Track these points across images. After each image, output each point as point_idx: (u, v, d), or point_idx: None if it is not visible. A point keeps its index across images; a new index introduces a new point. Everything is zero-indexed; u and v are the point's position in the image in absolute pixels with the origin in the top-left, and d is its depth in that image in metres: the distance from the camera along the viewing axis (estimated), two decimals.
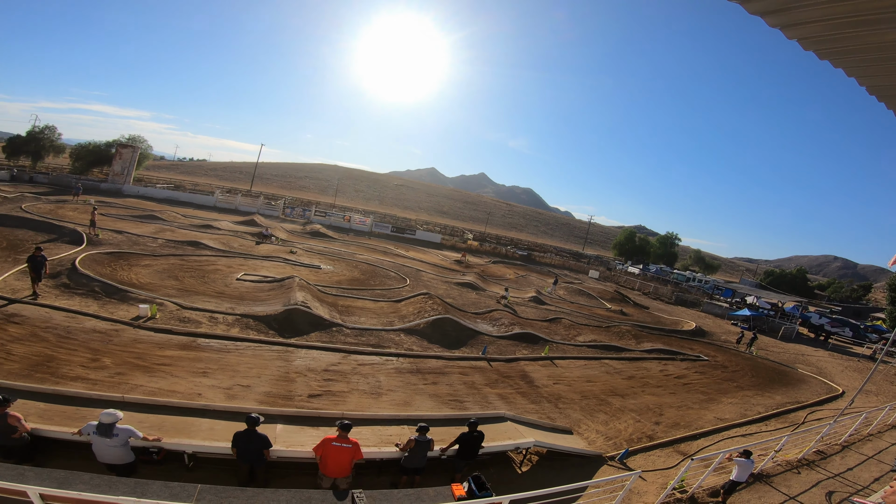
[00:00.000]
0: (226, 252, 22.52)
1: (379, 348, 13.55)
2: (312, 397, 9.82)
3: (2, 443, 5.78)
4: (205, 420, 7.27)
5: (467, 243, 53.98)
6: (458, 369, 13.08)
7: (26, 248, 16.84)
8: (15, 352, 9.20)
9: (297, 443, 7.02)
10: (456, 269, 34.57)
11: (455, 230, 68.77)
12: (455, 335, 15.96)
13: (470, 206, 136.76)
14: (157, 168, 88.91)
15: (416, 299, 18.97)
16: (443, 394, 11.24)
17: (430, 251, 42.24)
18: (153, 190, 44.50)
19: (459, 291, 24.96)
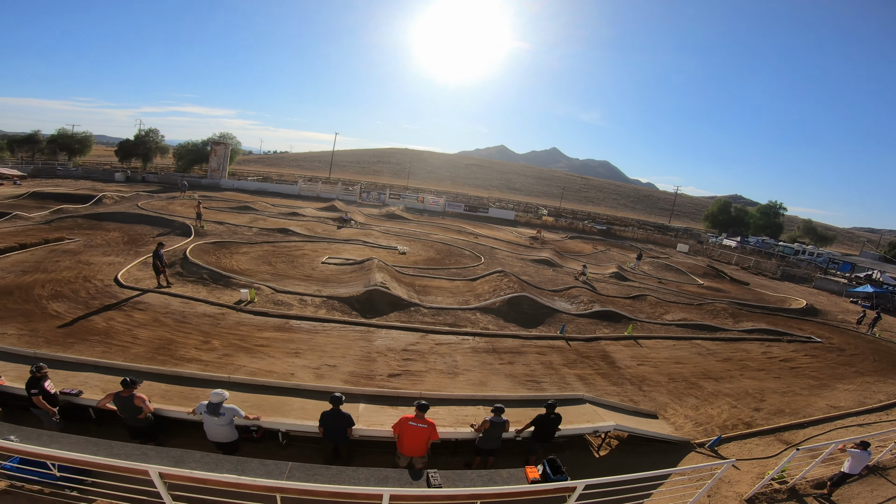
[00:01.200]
0: (311, 237, 23.85)
1: (455, 327, 13.56)
2: (392, 377, 10.02)
3: (130, 423, 6.44)
4: (297, 399, 7.63)
5: (542, 219, 52.44)
6: (535, 349, 12.77)
7: (145, 241, 19.09)
8: (141, 336, 10.41)
9: (378, 422, 7.16)
10: (531, 245, 33.76)
11: (529, 206, 67.11)
12: (532, 313, 15.59)
13: (543, 182, 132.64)
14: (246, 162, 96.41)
15: (492, 277, 18.81)
16: (519, 374, 11.06)
17: (504, 228, 41.63)
18: (245, 182, 48.33)
19: (535, 268, 24.38)
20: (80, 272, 14.04)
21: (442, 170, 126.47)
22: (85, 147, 56.66)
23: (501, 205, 61.53)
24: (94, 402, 6.66)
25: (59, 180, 39.65)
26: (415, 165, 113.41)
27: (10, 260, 14.57)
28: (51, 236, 17.94)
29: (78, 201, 27.05)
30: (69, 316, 10.98)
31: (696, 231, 71.23)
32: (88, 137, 57.63)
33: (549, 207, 70.00)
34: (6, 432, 5.37)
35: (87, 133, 57.70)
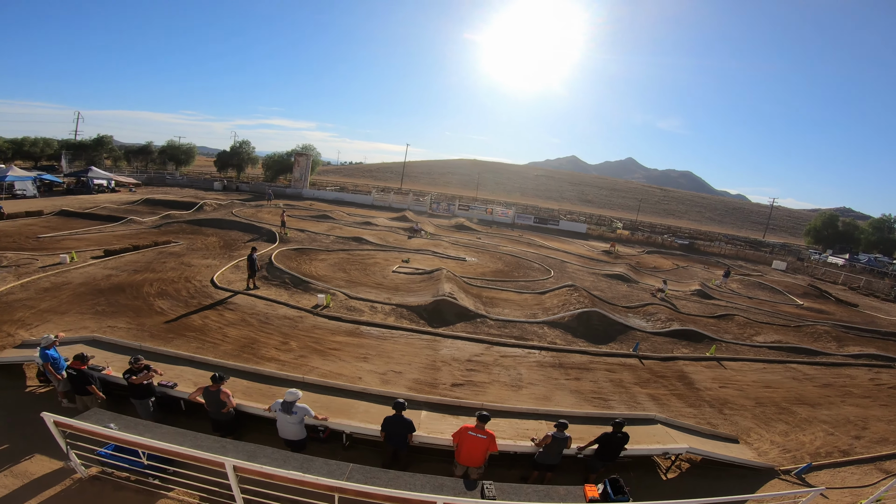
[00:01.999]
0: (383, 246, 24.68)
1: (521, 340, 13.34)
2: (455, 386, 10.04)
3: (215, 416, 6.96)
4: (362, 403, 7.87)
5: (616, 233, 50.19)
6: (604, 366, 12.29)
7: (238, 246, 20.84)
8: (230, 334, 11.31)
9: (438, 430, 7.18)
10: (604, 259, 32.47)
11: (602, 219, 64.54)
12: (602, 330, 14.98)
13: (618, 194, 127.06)
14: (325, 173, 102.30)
15: (561, 291, 18.33)
16: (586, 390, 10.72)
17: (575, 242, 40.39)
18: (324, 192, 51.34)
19: (608, 284, 23.40)
20: (183, 273, 15.59)
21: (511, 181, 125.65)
22: (189, 157, 63.56)
23: (573, 217, 59.79)
24: (186, 394, 7.27)
25: (168, 188, 44.67)
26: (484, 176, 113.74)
27: (124, 259, 16.55)
28: (159, 239, 20.18)
29: (182, 208, 30.29)
30: (171, 313, 12.20)
31: (796, 247, 64.36)
32: (192, 149, 64.61)
33: (625, 220, 66.80)
34: (107, 420, 5.98)
35: (191, 144, 64.75)
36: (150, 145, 63.48)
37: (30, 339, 9.36)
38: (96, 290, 13.14)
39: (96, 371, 7.41)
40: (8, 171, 33.12)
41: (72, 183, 37.47)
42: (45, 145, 58.63)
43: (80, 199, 31.82)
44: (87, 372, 7.09)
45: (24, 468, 5.87)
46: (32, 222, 22.57)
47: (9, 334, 9.89)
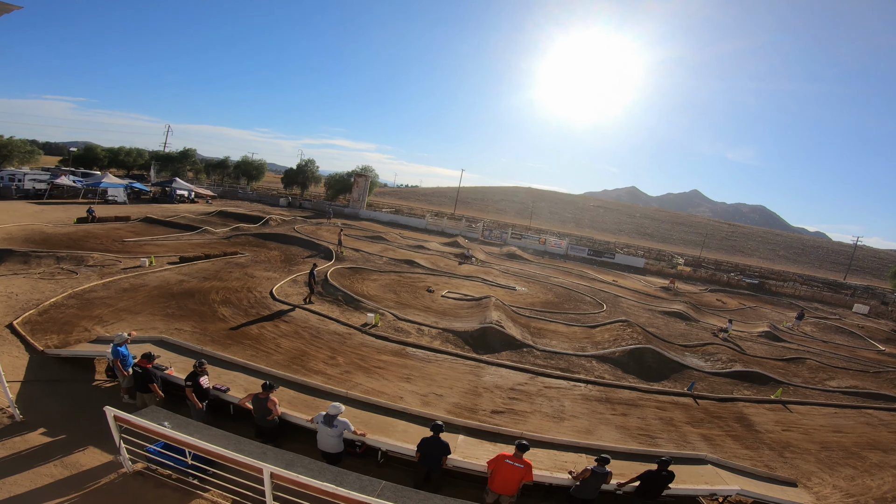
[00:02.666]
0: (433, 270, 24.85)
1: (568, 372, 13.05)
2: (495, 413, 9.92)
3: (260, 423, 7.17)
4: (401, 422, 7.96)
5: (677, 269, 47.59)
6: (654, 403, 11.83)
7: (297, 261, 21.78)
8: (282, 345, 11.70)
9: (474, 455, 7.15)
10: (662, 296, 30.90)
11: (662, 254, 61.58)
12: (656, 367, 14.38)
13: (680, 228, 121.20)
14: (382, 194, 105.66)
15: (613, 326, 17.80)
16: (631, 427, 10.35)
17: (632, 276, 38.75)
18: (380, 214, 52.90)
19: (665, 321, 22.38)
20: (246, 283, 16.44)
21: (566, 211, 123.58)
22: (260, 173, 68.09)
23: (630, 251, 57.53)
24: (236, 399, 7.55)
25: (239, 202, 47.90)
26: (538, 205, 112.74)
27: (196, 267, 17.73)
28: (228, 250, 21.51)
29: (251, 221, 32.25)
30: (232, 320, 12.84)
31: (881, 290, 57.93)
32: (263, 165, 69.22)
33: (687, 256, 63.30)
34: (162, 418, 6.26)
35: (262, 161, 69.43)
36: (227, 160, 68.75)
37: (104, 335, 10.15)
38: (168, 294, 14.11)
39: (159, 370, 7.85)
40: (103, 177, 37.06)
41: (157, 192, 41.19)
42: (138, 155, 65.25)
43: (163, 208, 34.82)
44: (152, 371, 7.53)
45: (76, 459, 6.20)
46: (120, 227, 24.90)
47: (86, 329, 10.78)
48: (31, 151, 50.33)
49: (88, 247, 18.97)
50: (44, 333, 10.29)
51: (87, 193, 34.61)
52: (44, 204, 30.39)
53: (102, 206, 30.88)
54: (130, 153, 64.92)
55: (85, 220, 24.76)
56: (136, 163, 64.41)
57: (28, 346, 9.55)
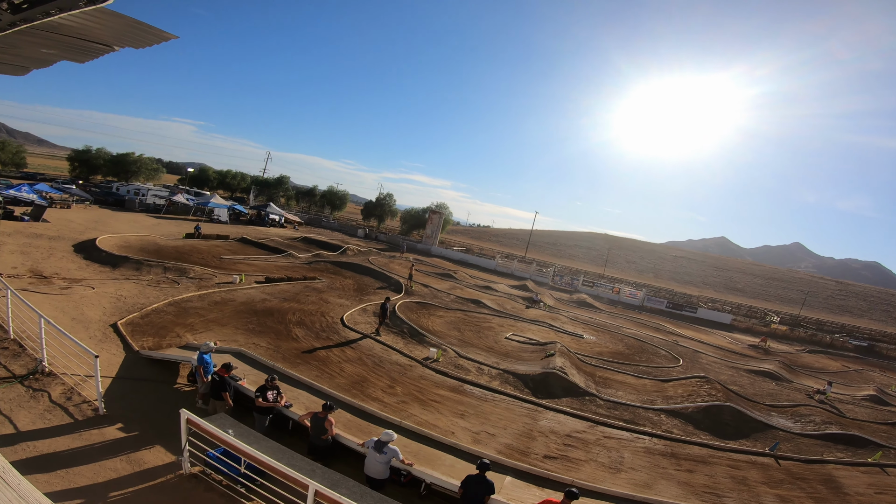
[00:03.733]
0: (499, 312, 24.49)
1: (632, 424, 12.28)
2: (547, 458, 9.57)
3: (314, 441, 7.31)
4: (449, 456, 7.93)
5: (770, 327, 42.72)
6: (727, 461, 10.94)
7: (368, 291, 22.59)
8: (346, 370, 12.02)
9: (519, 498, 6.95)
10: (750, 354, 28.24)
11: (753, 311, 55.64)
12: (734, 426, 13.37)
13: (777, 284, 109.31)
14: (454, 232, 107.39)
15: (689, 381, 16.69)
16: (697, 484, 9.66)
17: (715, 332, 35.50)
18: (451, 252, 53.67)
19: (751, 380, 20.58)
20: (320, 308, 17.28)
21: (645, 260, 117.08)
22: (343, 204, 72.57)
23: (715, 305, 52.75)
24: (296, 416, 7.84)
25: (322, 230, 51.18)
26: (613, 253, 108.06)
27: (278, 288, 18.99)
28: (308, 275, 22.90)
29: (330, 249, 34.23)
30: (304, 341, 13.48)
31: None
32: (346, 196, 73.79)
33: (783, 314, 56.58)
34: (227, 425, 6.60)
35: (345, 192, 74.04)
36: (315, 189, 74.24)
37: (192, 342, 11.09)
38: (252, 311, 15.19)
39: (234, 381, 8.34)
40: (211, 198, 41.69)
41: (253, 215, 45.38)
42: (241, 179, 72.76)
43: (257, 230, 38.16)
44: (227, 380, 8.02)
45: (141, 456, 6.66)
46: (219, 244, 27.57)
47: (178, 335, 11.85)
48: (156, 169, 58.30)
49: (191, 260, 21.17)
50: (141, 335, 11.46)
51: (196, 211, 39.08)
52: (161, 218, 34.66)
53: (208, 224, 34.57)
54: (236, 177, 72.65)
55: (192, 236, 27.81)
56: (240, 186, 71.76)
57: (126, 346, 10.67)
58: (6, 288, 9.63)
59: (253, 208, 47.92)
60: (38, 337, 8.43)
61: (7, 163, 49.33)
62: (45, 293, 13.03)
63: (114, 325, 11.70)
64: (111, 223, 27.79)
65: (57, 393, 7.83)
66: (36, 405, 7.41)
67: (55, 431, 6.85)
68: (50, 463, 6.12)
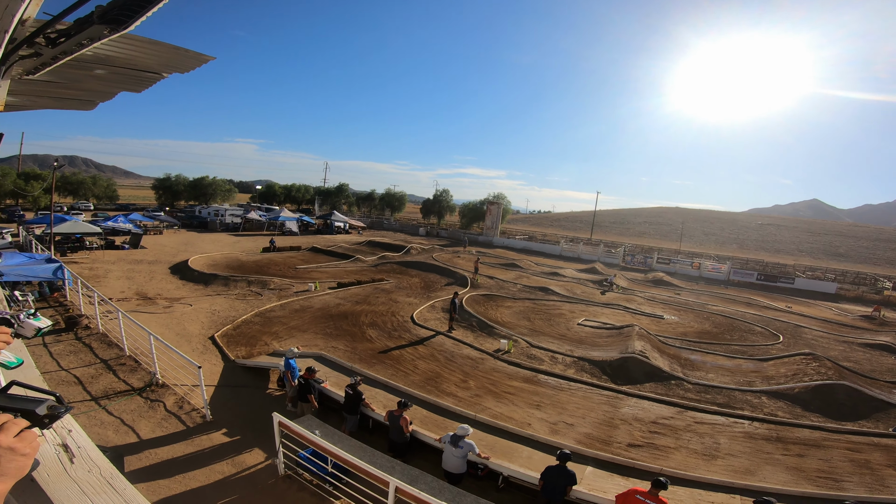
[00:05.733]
0: (569, 298, 23.84)
1: (727, 408, 11.37)
2: (631, 447, 9.16)
3: (393, 438, 7.59)
4: (526, 448, 7.89)
5: (883, 294, 37.79)
6: (845, 444, 9.93)
7: (435, 288, 22.97)
8: (419, 367, 12.30)
9: (601, 488, 6.76)
10: (863, 326, 24.93)
11: (861, 277, 49.49)
12: (850, 405, 12.03)
13: (886, 245, 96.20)
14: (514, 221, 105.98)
15: (793, 359, 15.22)
16: (809, 469, 8.87)
17: (819, 304, 31.94)
18: (513, 241, 53.02)
19: (867, 355, 18.24)
20: (390, 308, 17.86)
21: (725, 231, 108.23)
22: (401, 205, 74.37)
23: (815, 274, 47.54)
24: (380, 416, 8.11)
25: (385, 231, 52.79)
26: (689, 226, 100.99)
27: (350, 292, 19.87)
28: (376, 277, 23.73)
29: (394, 250, 35.21)
30: (377, 342, 14.00)
31: None
32: (404, 196, 75.52)
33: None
34: (314, 426, 7.00)
35: (402, 193, 75.78)
36: (374, 193, 76.73)
37: (279, 349, 11.92)
38: (328, 316, 16.04)
39: (318, 383, 8.86)
40: (281, 212, 44.52)
41: (320, 224, 47.82)
42: (305, 191, 77.21)
43: (325, 238, 40.17)
44: (311, 382, 8.54)
45: (243, 459, 7.26)
46: (293, 255, 29.36)
47: (266, 343, 12.79)
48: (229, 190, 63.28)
49: (270, 272, 22.76)
50: (235, 345, 12.51)
51: (269, 226, 41.94)
52: (239, 235, 37.54)
53: (280, 237, 36.96)
54: (300, 189, 77.16)
55: (268, 250, 29.86)
56: (304, 198, 76.07)
57: (223, 356, 11.71)
58: (117, 311, 10.96)
59: (319, 218, 50.48)
60: (149, 352, 9.50)
61: (101, 196, 55.79)
62: (150, 312, 14.66)
63: (212, 338, 12.89)
64: (198, 244, 30.61)
65: (171, 402, 8.78)
66: (154, 414, 8.35)
67: (171, 439, 7.67)
68: (170, 468, 6.85)
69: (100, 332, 11.74)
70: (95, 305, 12.09)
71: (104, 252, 24.85)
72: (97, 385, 9.18)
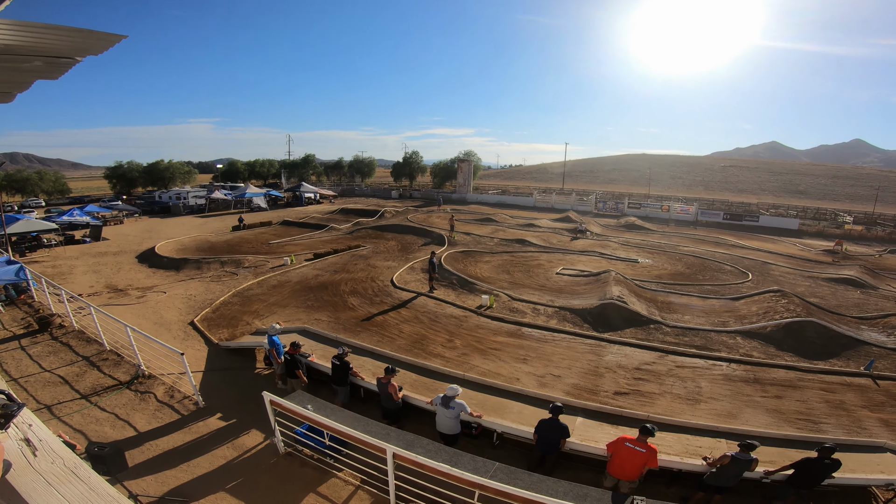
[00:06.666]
0: (546, 248, 24.21)
1: (705, 350, 11.75)
2: (618, 395, 9.44)
3: (385, 405, 7.66)
4: (516, 403, 7.97)
5: (844, 228, 39.78)
6: (819, 384, 10.30)
7: (413, 249, 22.91)
8: (404, 331, 12.40)
9: (592, 438, 6.95)
10: (826, 261, 26.08)
11: (822, 212, 51.81)
12: (820, 343, 12.35)
13: (843, 182, 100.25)
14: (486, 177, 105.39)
15: (763, 297, 15.65)
16: (788, 410, 9.18)
17: (783, 240, 33.34)
18: (486, 196, 52.96)
19: (831, 289, 18.89)
20: (369, 273, 17.77)
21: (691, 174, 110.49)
22: (371, 170, 72.92)
23: (779, 212, 49.48)
24: (371, 384, 8.11)
25: (357, 198, 51.82)
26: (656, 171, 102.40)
27: (327, 262, 19.64)
28: (352, 244, 23.45)
29: (368, 216, 34.71)
30: (360, 309, 13.98)
31: None
32: (373, 162, 73.97)
33: (855, 213, 52.40)
34: (306, 401, 6.98)
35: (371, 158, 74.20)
36: (342, 161, 74.75)
37: (261, 327, 11.80)
38: (307, 288, 15.88)
39: (304, 357, 8.85)
40: (246, 189, 43.07)
41: (289, 197, 46.52)
42: (270, 166, 74.74)
43: (295, 211, 39.22)
44: (297, 357, 8.52)
45: (242, 441, 7.28)
46: (265, 231, 28.66)
47: (247, 322, 12.63)
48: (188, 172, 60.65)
49: (243, 250, 22.22)
50: (217, 328, 12.32)
51: (236, 204, 40.59)
52: (205, 217, 36.30)
53: (249, 214, 35.88)
54: (264, 164, 74.53)
55: (238, 228, 29.02)
56: (269, 172, 73.62)
57: (206, 340, 11.53)
58: (89, 306, 10.56)
59: (288, 191, 49.01)
60: (129, 345, 9.26)
61: (51, 191, 52.55)
62: (124, 304, 14.21)
63: (192, 323, 12.63)
64: (163, 230, 29.44)
65: (161, 393, 8.66)
66: (147, 406, 8.24)
67: (169, 429, 7.60)
68: (173, 458, 6.82)
69: (76, 330, 11.35)
70: (65, 303, 11.62)
71: (65, 248, 23.68)
72: (84, 383, 8.97)
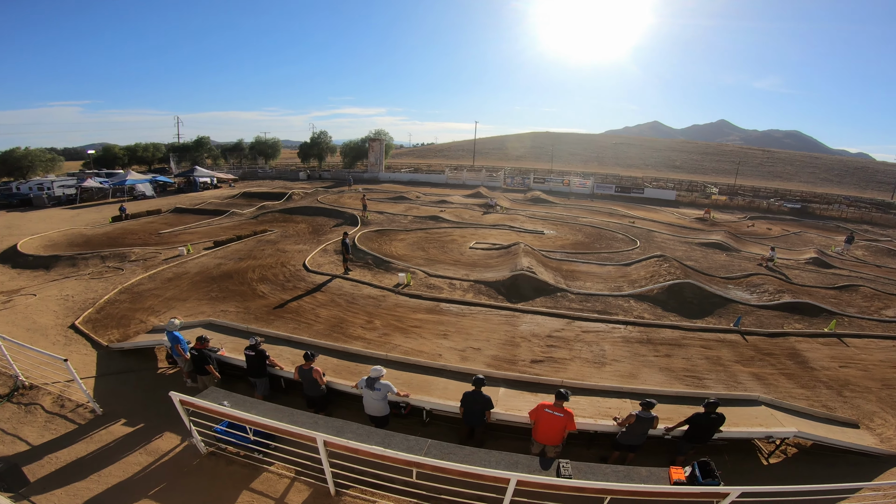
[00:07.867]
0: (459, 223, 24.85)
1: (605, 315, 12.82)
2: (535, 363, 9.89)
3: (309, 393, 7.44)
4: (441, 379, 8.07)
5: (711, 198, 45.84)
6: (699, 342, 11.37)
7: (324, 231, 22.15)
8: (321, 315, 12.07)
9: (515, 407, 7.17)
10: (698, 227, 29.98)
11: (693, 185, 59.06)
12: (697, 303, 13.91)
13: (710, 157, 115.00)
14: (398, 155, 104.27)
15: (649, 262, 17.44)
16: (677, 368, 10.04)
17: (664, 210, 37.64)
18: (399, 174, 52.59)
19: (703, 253, 21.65)
20: (279, 259, 16.89)
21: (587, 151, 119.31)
22: (276, 151, 68.51)
23: (659, 184, 55.42)
24: (290, 374, 7.83)
25: (261, 181, 48.49)
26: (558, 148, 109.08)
27: (230, 249, 18.29)
28: (258, 229, 22.03)
29: (274, 198, 32.72)
30: (271, 297, 13.30)
31: None
32: (277, 143, 69.49)
33: (721, 185, 60.48)
34: (221, 398, 6.60)
35: (276, 139, 69.67)
36: (241, 143, 69.29)
37: (159, 324, 10.77)
38: (209, 278, 14.70)
39: (213, 352, 8.29)
40: (127, 175, 38.17)
41: (181, 182, 42.08)
42: (155, 150, 66.65)
43: (189, 197, 35.68)
44: (205, 352, 7.98)
45: (156, 445, 6.72)
46: (153, 220, 25.75)
47: (141, 321, 11.45)
48: (52, 159, 52.14)
49: (128, 243, 19.81)
50: (105, 329, 10.99)
51: (115, 193, 35.84)
52: (77, 208, 31.59)
53: (132, 203, 32.00)
54: (148, 148, 66.26)
55: (119, 219, 25.72)
56: (155, 157, 65.75)
57: (94, 343, 10.24)
58: None
59: (179, 176, 44.27)
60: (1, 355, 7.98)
61: None
62: None
63: (73, 326, 11.10)
64: (25, 225, 25.09)
65: (48, 403, 7.60)
66: (35, 419, 7.21)
67: (66, 440, 6.77)
68: (80, 470, 6.11)
69: None
70: None
71: None
72: None
